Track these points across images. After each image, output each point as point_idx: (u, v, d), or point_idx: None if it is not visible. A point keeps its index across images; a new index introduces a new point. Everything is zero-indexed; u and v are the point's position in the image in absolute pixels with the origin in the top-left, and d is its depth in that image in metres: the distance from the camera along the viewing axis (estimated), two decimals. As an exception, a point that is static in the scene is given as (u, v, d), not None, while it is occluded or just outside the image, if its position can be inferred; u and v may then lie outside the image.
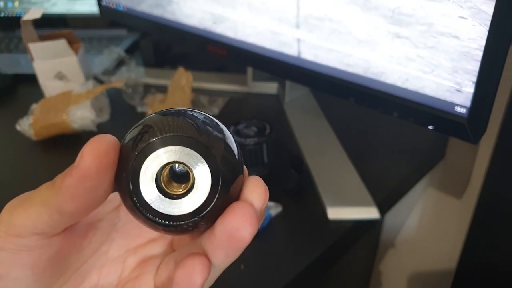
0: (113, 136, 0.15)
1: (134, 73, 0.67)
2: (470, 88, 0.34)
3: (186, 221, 0.15)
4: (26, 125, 0.58)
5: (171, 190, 0.15)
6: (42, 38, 0.60)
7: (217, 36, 0.53)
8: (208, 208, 0.15)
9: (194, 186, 0.14)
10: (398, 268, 0.82)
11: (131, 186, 0.14)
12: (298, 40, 0.44)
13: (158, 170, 0.14)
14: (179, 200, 0.15)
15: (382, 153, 0.54)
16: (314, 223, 0.44)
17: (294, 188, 0.47)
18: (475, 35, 0.32)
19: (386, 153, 0.54)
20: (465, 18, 0.32)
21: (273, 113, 0.63)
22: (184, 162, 0.14)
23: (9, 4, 0.92)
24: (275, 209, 0.44)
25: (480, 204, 0.56)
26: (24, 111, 0.60)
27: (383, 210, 0.46)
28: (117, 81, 0.61)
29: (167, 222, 0.15)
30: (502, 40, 0.31)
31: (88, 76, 0.63)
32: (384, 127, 0.59)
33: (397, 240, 0.79)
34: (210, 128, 0.15)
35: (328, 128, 0.58)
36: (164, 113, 0.15)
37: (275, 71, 0.49)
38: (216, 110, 0.63)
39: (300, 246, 0.41)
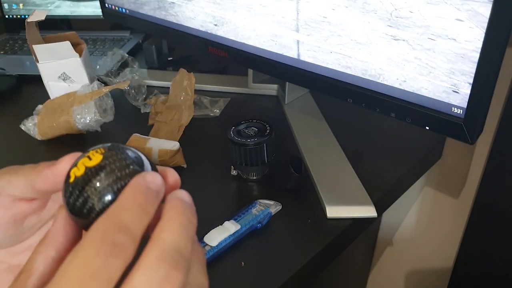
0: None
1: (137, 75, 0.68)
2: (466, 89, 0.34)
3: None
4: (30, 125, 0.58)
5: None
6: (47, 40, 0.61)
7: (218, 38, 0.54)
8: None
9: None
10: (396, 266, 0.82)
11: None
12: (298, 43, 0.45)
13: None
14: None
15: (380, 153, 0.55)
16: (313, 222, 0.44)
17: (294, 187, 0.48)
18: (472, 37, 0.32)
19: (384, 153, 0.55)
20: (462, 21, 0.33)
21: (273, 114, 0.64)
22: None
23: (14, 6, 0.93)
24: (275, 208, 0.45)
25: (476, 204, 0.56)
26: (28, 112, 0.61)
27: (380, 209, 0.46)
28: (121, 83, 0.62)
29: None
30: (498, 42, 0.31)
31: (92, 77, 0.64)
32: (382, 127, 0.60)
33: (394, 238, 0.80)
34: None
35: (327, 128, 0.59)
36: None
37: (275, 73, 0.49)
38: (217, 111, 0.64)
39: (299, 244, 0.42)
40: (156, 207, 0.18)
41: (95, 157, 0.18)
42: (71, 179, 0.18)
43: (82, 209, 0.18)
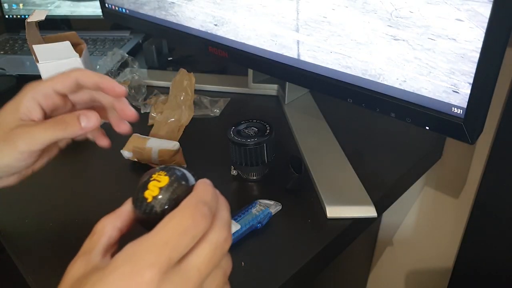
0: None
1: (137, 75, 0.68)
2: (466, 89, 0.34)
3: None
4: (30, 126, 0.58)
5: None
6: (47, 40, 0.61)
7: (218, 38, 0.54)
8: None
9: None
10: (396, 266, 0.82)
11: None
12: (298, 43, 0.45)
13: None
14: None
15: (379, 152, 0.55)
16: (313, 221, 0.44)
17: (294, 187, 0.48)
18: (472, 37, 0.32)
19: (384, 153, 0.55)
20: (462, 21, 0.33)
21: (273, 113, 0.64)
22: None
23: (14, 6, 0.93)
24: (275, 208, 0.45)
25: (476, 204, 0.56)
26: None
27: (380, 209, 0.46)
28: (122, 83, 0.62)
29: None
30: (498, 42, 0.31)
31: (92, 77, 0.64)
32: (381, 127, 0.60)
33: (394, 238, 0.80)
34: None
35: (327, 128, 0.59)
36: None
37: (275, 73, 0.49)
38: (217, 111, 0.64)
39: (299, 243, 0.42)
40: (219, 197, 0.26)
41: (162, 179, 0.25)
42: (149, 200, 0.25)
43: (151, 213, 0.25)
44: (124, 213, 0.26)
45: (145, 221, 0.25)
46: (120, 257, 0.22)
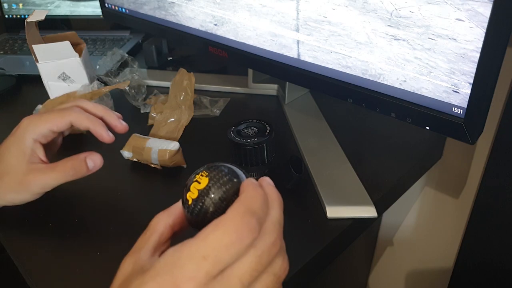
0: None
1: (137, 75, 0.68)
2: (467, 89, 0.34)
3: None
4: (30, 125, 0.58)
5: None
6: (46, 40, 0.61)
7: (218, 38, 0.54)
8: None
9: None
10: (396, 266, 0.82)
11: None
12: (298, 42, 0.45)
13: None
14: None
15: (380, 152, 0.55)
16: (313, 222, 0.44)
17: (294, 187, 0.48)
18: (472, 37, 0.32)
19: (384, 152, 0.55)
20: (462, 20, 0.33)
21: (273, 113, 0.64)
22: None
23: (13, 6, 0.93)
24: (275, 208, 0.45)
25: (477, 204, 0.56)
26: (28, 111, 0.61)
27: (381, 209, 0.46)
28: (122, 83, 0.62)
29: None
30: (499, 42, 0.31)
31: (92, 77, 0.64)
32: (382, 127, 0.60)
33: (395, 238, 0.80)
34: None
35: (327, 128, 0.59)
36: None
37: (275, 73, 0.49)
38: (217, 111, 0.64)
39: (299, 244, 0.42)
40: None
41: (203, 180, 0.24)
42: (189, 202, 0.24)
43: (199, 215, 0.24)
44: (176, 210, 0.26)
45: (191, 222, 0.25)
46: (161, 263, 0.21)
